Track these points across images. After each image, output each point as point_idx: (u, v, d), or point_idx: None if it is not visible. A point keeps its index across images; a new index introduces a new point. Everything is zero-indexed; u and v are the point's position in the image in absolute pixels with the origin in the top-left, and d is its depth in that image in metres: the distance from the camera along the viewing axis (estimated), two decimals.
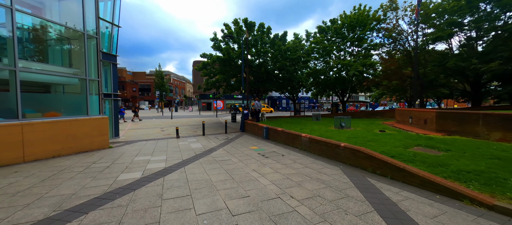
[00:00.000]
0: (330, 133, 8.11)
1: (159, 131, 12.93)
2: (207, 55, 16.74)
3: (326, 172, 4.72)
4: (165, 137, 10.55)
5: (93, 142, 7.44)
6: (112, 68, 10.29)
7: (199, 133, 11.85)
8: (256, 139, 9.64)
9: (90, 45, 7.83)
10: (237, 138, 9.85)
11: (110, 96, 10.17)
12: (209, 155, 6.52)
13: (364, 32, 17.67)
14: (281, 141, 8.43)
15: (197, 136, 10.64)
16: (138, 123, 17.59)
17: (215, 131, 12.59)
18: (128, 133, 11.89)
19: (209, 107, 40.15)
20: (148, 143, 8.76)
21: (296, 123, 12.61)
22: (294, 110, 22.28)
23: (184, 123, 17.80)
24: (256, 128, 10.81)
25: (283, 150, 7.14)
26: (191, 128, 14.14)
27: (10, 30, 5.51)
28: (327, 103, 51.71)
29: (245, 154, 6.59)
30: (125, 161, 5.75)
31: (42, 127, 6.02)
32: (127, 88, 43.04)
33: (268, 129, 9.46)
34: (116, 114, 10.50)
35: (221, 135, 10.88)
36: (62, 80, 7.33)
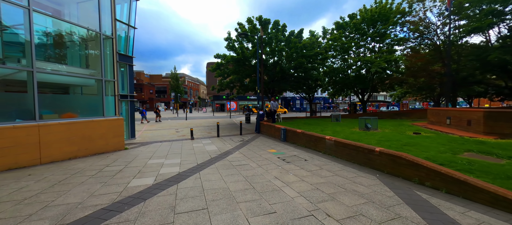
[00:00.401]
0: (356, 136, 7.30)
1: (174, 132, 12.79)
2: (221, 56, 16.45)
3: (362, 181, 4.02)
4: (180, 138, 10.30)
5: (108, 143, 7.30)
6: (128, 70, 10.27)
7: (214, 134, 11.50)
8: (273, 141, 9.05)
9: (106, 46, 7.74)
10: (253, 140, 9.33)
11: (126, 97, 10.14)
12: (225, 158, 6.05)
13: (387, 27, 16.41)
14: (301, 143, 7.76)
15: (212, 138, 10.27)
16: (154, 124, 17.75)
17: (230, 133, 12.18)
18: (144, 134, 11.85)
19: (223, 108, 40.20)
20: (162, 145, 8.51)
21: (314, 124, 11.83)
22: (310, 110, 21.35)
23: (198, 124, 17.66)
24: (272, 129, 10.22)
25: (305, 154, 6.48)
26: (205, 130, 13.87)
27: (27, 31, 5.45)
28: (343, 103, 49.70)
29: (264, 158, 6.03)
30: (138, 164, 5.44)
31: (58, 128, 5.91)
32: (145, 91, 44.45)
33: (286, 130, 8.84)
34: (133, 116, 10.46)
35: (236, 137, 10.43)
36: (79, 81, 7.28)
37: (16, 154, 5.09)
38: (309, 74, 14.00)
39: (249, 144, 8.47)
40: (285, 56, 14.22)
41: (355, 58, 16.78)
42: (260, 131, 11.69)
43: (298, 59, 12.61)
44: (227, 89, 18.77)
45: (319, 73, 15.12)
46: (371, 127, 8.74)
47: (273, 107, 12.25)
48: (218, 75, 17.63)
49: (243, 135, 11.17)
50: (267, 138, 9.83)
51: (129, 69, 10.30)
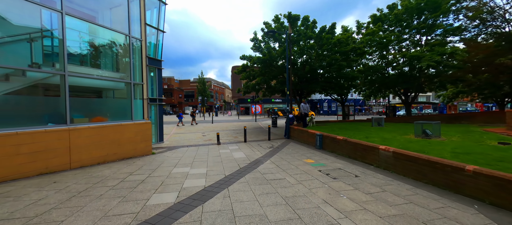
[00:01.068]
0: (416, 145, 5.81)
1: (200, 136, 12.49)
2: (247, 57, 15.89)
3: (458, 217, 2.75)
4: (206, 143, 9.84)
5: (136, 148, 7.07)
6: (157, 73, 10.24)
7: (240, 139, 10.81)
8: (307, 148, 7.93)
9: (134, 50, 7.62)
10: (283, 147, 8.34)
11: (155, 101, 10.09)
12: (256, 169, 5.20)
13: (437, 16, 13.98)
14: (343, 153, 6.52)
15: (239, 143, 9.57)
16: (184, 127, 17.94)
17: (257, 137, 11.37)
18: (171, 138, 11.75)
19: (247, 111, 39.94)
20: (188, 150, 8.07)
21: (352, 129, 10.32)
22: (342, 113, 19.46)
23: (224, 127, 17.29)
24: (305, 135, 9.09)
25: (352, 167, 5.27)
26: (231, 133, 13.32)
27: (60, 34, 5.41)
28: (377, 105, 45.35)
29: (302, 171, 5.01)
30: (162, 173, 4.91)
31: (88, 132, 5.77)
32: (174, 95, 46.80)
33: (322, 137, 7.65)
34: (161, 119, 10.36)
35: (264, 142, 9.56)
36: (109, 84, 7.24)
37: (47, 159, 4.98)
38: (342, 73, 12.48)
39: (280, 151, 7.50)
40: (315, 55, 12.96)
41: (400, 53, 14.59)
42: (290, 136, 10.62)
43: (332, 56, 11.28)
44: (253, 92, 18.14)
45: (354, 71, 13.40)
46: (431, 134, 7.04)
47: (303, 110, 11.10)
48: (244, 77, 17.10)
49: (272, 140, 10.24)
50: (299, 145, 8.74)
51: (158, 72, 10.26)
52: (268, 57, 13.30)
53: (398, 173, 4.61)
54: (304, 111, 11.16)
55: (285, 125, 11.13)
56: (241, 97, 39.27)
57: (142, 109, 7.71)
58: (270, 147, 8.34)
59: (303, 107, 11.16)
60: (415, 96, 16.80)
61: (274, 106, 38.47)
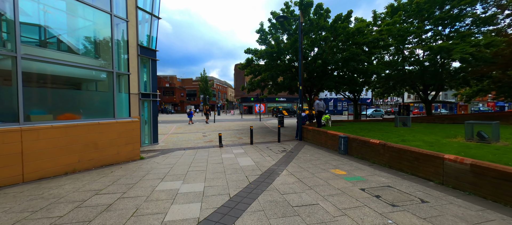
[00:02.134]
0: (482, 152, 4.31)
1: (201, 136, 11.09)
2: (252, 51, 14.42)
3: None
4: (206, 145, 8.42)
5: (120, 152, 5.68)
6: (151, 65, 8.85)
7: (246, 140, 9.37)
8: (328, 153, 6.46)
9: (119, 32, 6.21)
10: (298, 151, 6.88)
11: (149, 97, 8.71)
12: (272, 185, 3.76)
13: (464, 4, 12.35)
14: (379, 161, 5.04)
15: (244, 145, 8.14)
16: (182, 127, 16.57)
17: (264, 138, 9.92)
18: (168, 139, 10.36)
19: (250, 110, 38.51)
20: (185, 154, 6.66)
21: (375, 129, 8.82)
22: (354, 113, 17.90)
23: (227, 127, 15.88)
24: (322, 136, 7.61)
25: (402, 182, 3.80)
26: (235, 134, 11.90)
27: (11, 7, 4.02)
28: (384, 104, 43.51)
29: (337, 189, 3.55)
30: (141, 192, 3.50)
31: (51, 133, 4.38)
32: (176, 94, 45.55)
33: (348, 139, 6.17)
34: (155, 117, 8.97)
35: (274, 145, 8.10)
36: (86, 74, 5.84)
37: None
38: (359, 68, 10.93)
39: (296, 157, 6.04)
40: (329, 47, 11.43)
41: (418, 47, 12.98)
42: (303, 138, 9.15)
43: (350, 48, 9.76)
44: (258, 89, 16.68)
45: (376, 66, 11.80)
46: (488, 137, 5.52)
47: (318, 108, 9.60)
48: (248, 73, 15.64)
49: (282, 142, 8.78)
50: (316, 148, 7.27)
51: (152, 65, 8.88)
52: (276, 49, 11.82)
53: (483, 196, 3.12)
54: (319, 109, 9.66)
55: (297, 125, 9.66)
56: (244, 96, 37.85)
57: (129, 105, 6.30)
58: (283, 151, 6.88)
59: (318, 105, 9.66)
60: (437, 93, 15.16)
61: (279, 105, 36.95)
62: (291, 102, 38.44)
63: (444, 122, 13.08)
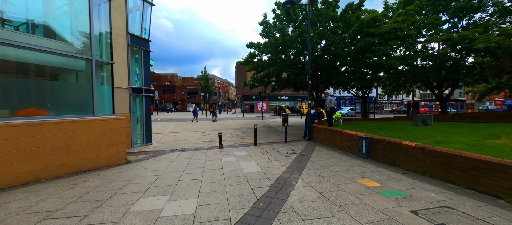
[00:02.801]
0: None
1: (200, 135, 10.14)
2: (255, 44, 13.43)
3: None
4: (205, 146, 7.46)
5: (100, 155, 4.74)
6: (143, 56, 7.89)
7: (249, 140, 8.41)
8: (346, 156, 5.48)
9: (101, 13, 5.24)
10: (309, 153, 5.91)
11: (141, 92, 7.76)
12: (286, 203, 2.79)
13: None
14: (418, 169, 4.04)
15: (247, 147, 7.17)
16: (181, 125, 15.63)
17: (269, 138, 8.94)
18: (164, 139, 9.42)
19: (252, 109, 37.52)
20: (179, 157, 5.70)
21: (395, 129, 7.83)
22: (363, 111, 16.86)
23: (228, 126, 14.92)
24: (337, 137, 6.61)
25: (464, 201, 2.82)
26: (236, 133, 10.94)
27: None
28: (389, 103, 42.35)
29: (377, 210, 2.58)
30: (108, 217, 2.54)
31: (4, 133, 3.44)
32: (177, 92, 44.67)
33: (370, 141, 5.17)
34: (148, 115, 8.02)
35: (281, 146, 7.12)
36: (62, 62, 4.87)
37: None
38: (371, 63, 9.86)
39: (310, 161, 5.07)
40: (339, 39, 10.36)
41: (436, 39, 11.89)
42: (313, 138, 8.16)
43: (365, 38, 8.73)
44: (261, 86, 15.69)
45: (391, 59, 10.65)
46: None
47: (330, 105, 8.60)
48: (250, 68, 14.63)
49: (290, 143, 7.81)
50: (331, 150, 6.28)
51: (145, 56, 7.91)
52: (281, 42, 10.80)
53: None
54: (332, 105, 8.64)
55: (306, 123, 8.68)
56: (245, 94, 36.88)
57: (112, 100, 5.34)
58: (292, 154, 5.91)
59: (329, 101, 8.65)
60: (451, 90, 14.08)
61: (282, 103, 35.91)
62: (293, 100, 37.42)
63: (464, 120, 12.02)
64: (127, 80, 7.23)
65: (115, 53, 6.78)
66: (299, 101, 37.40)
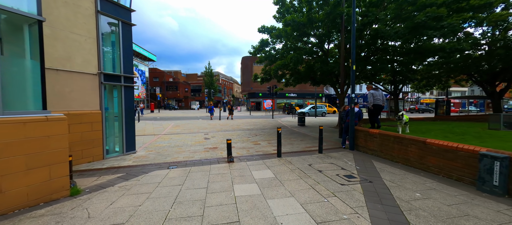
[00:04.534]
0: None
1: (202, 139, 7.85)
2: (267, 28, 11.03)
3: None
4: (208, 157, 5.15)
5: (8, 188, 2.45)
6: (122, 30, 5.57)
7: (265, 147, 6.07)
8: (449, 186, 3.08)
9: None
10: (378, 178, 3.52)
11: (119, 80, 5.48)
12: None
13: None
14: None
15: (268, 159, 4.82)
16: (180, 125, 13.38)
17: (292, 145, 6.57)
18: (156, 143, 7.16)
19: (258, 106, 35.13)
20: (164, 183, 3.40)
21: (475, 136, 5.34)
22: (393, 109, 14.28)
23: (235, 126, 12.61)
24: (411, 149, 4.17)
25: None
26: (247, 136, 8.61)
27: None
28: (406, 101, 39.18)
29: None
30: None
31: None
32: (180, 89, 42.57)
33: (509, 163, 2.73)
34: (128, 111, 5.74)
35: (317, 159, 4.74)
36: None
37: None
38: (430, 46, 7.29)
39: (397, 197, 2.68)
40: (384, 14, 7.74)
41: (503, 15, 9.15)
42: (356, 145, 5.74)
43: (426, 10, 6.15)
44: (272, 81, 13.30)
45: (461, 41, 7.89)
46: None
47: (375, 101, 6.10)
48: (262, 59, 12.24)
49: (326, 152, 5.41)
50: (407, 171, 3.88)
51: (124, 29, 5.60)
52: (305, 20, 8.34)
53: None
54: (376, 102, 6.16)
55: (344, 126, 6.27)
56: (251, 91, 34.49)
57: (42, 86, 3.01)
58: (348, 178, 3.53)
59: (373, 96, 6.15)
60: (508, 85, 11.36)
61: (291, 101, 33.36)
62: (302, 97, 34.87)
63: None
64: (95, 63, 4.95)
65: (74, 19, 4.50)
66: (308, 98, 34.84)
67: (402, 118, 5.23)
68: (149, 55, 34.65)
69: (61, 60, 4.39)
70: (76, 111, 4.60)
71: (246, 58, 34.93)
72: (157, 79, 41.51)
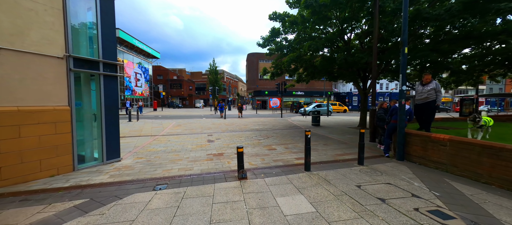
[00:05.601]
0: None
1: (204, 141, 6.52)
2: (280, 15, 9.60)
3: None
4: (211, 169, 3.78)
5: None
6: (100, 5, 4.25)
7: (285, 156, 4.66)
8: None
9: None
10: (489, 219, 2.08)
11: (96, 67, 4.17)
12: None
13: None
14: None
15: (292, 173, 3.43)
16: (182, 124, 12.11)
17: (317, 151, 5.13)
18: (149, 146, 5.86)
19: (264, 105, 33.69)
20: (141, 220, 2.02)
21: None
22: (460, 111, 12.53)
23: (243, 126, 11.25)
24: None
25: None
26: (257, 137, 7.24)
27: None
28: None
29: None
30: None
31: None
32: (184, 87, 41.49)
33: None
34: (109, 108, 4.43)
35: (364, 175, 3.33)
36: None
37: None
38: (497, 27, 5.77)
39: None
40: None
41: None
42: (408, 154, 4.28)
43: None
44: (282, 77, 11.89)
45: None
46: None
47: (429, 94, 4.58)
48: (272, 51, 10.82)
49: (367, 162, 3.97)
50: None
51: (102, 3, 4.25)
52: (328, 0, 6.87)
53: None
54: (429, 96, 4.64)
55: (386, 129, 4.80)
56: (257, 89, 33.08)
57: None
58: (441, 220, 2.10)
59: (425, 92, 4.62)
60: None
61: (300, 99, 31.79)
62: (309, 96, 33.26)
63: None
64: (61, 42, 3.64)
65: None
66: (315, 96, 33.22)
67: (478, 120, 3.72)
68: (152, 52, 33.64)
69: (7, 36, 3.10)
70: (30, 107, 3.32)
71: (251, 54, 33.49)
72: (161, 76, 40.58)
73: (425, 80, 4.69)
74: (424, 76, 4.73)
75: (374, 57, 6.38)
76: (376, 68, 6.54)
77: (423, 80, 4.74)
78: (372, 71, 6.49)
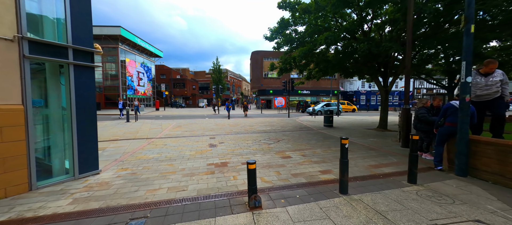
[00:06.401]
0: None
1: (206, 147, 5.51)
2: (290, 2, 8.54)
3: None
4: (211, 193, 2.74)
5: None
6: None
7: (305, 168, 3.60)
8: None
9: None
10: None
11: (64, 55, 3.20)
12: None
13: None
14: None
15: (322, 198, 2.37)
16: (183, 125, 11.17)
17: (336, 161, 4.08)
18: (142, 152, 4.89)
19: (269, 104, 32.59)
20: None
21: None
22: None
23: (248, 127, 10.23)
24: None
25: None
26: (266, 140, 6.19)
27: None
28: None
29: None
30: None
31: None
32: (187, 86, 40.70)
33: None
34: (82, 108, 3.44)
35: (414, 198, 2.27)
36: None
37: None
38: None
39: None
40: None
41: None
42: (477, 170, 3.18)
43: None
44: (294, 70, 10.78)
45: None
46: None
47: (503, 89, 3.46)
48: (281, 43, 9.76)
49: (420, 180, 2.89)
50: None
51: None
52: None
53: None
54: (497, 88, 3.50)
55: (437, 134, 3.71)
56: (261, 88, 31.99)
57: None
58: None
59: (501, 76, 3.43)
60: None
61: (307, 98, 30.55)
62: (316, 95, 32.02)
63: None
64: (11, 19, 2.68)
65: None
66: (322, 95, 31.95)
67: None
68: (155, 51, 32.93)
69: None
70: None
71: (256, 52, 32.42)
72: (164, 76, 39.92)
73: (489, 69, 3.58)
74: (487, 64, 3.60)
75: (408, 45, 5.26)
76: (410, 59, 5.41)
77: (484, 69, 3.63)
78: (406, 62, 5.37)
